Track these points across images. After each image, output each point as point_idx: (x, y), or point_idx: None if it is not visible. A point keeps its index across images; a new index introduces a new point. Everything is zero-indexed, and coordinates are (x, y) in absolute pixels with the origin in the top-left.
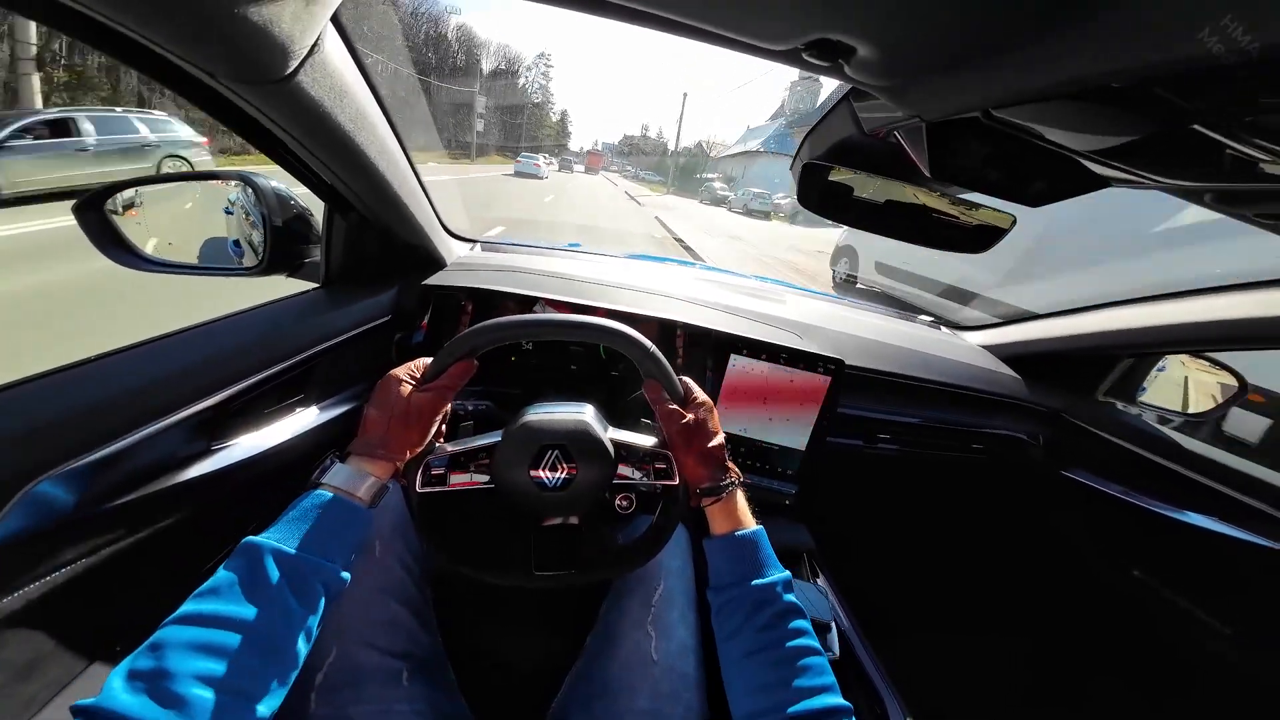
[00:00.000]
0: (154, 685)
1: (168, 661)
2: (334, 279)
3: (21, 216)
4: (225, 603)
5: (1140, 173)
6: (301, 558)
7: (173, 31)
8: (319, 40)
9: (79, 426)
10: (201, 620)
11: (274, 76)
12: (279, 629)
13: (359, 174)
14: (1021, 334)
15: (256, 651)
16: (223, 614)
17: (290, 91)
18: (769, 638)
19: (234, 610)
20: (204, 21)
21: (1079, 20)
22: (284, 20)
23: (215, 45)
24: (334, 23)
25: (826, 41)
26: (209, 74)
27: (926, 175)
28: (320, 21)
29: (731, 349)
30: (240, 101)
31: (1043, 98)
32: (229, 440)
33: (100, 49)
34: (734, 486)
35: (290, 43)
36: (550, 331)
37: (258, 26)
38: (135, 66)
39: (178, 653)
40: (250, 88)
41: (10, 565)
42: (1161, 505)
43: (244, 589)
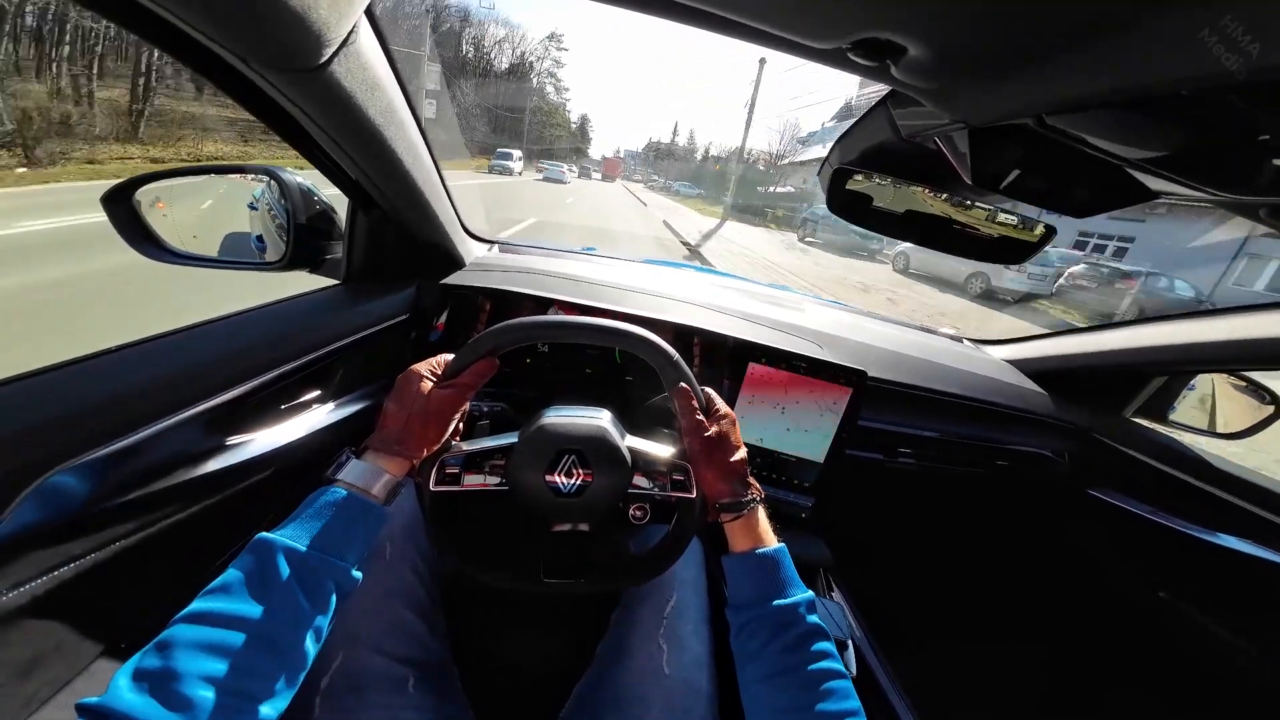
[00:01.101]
0: (160, 685)
1: (174, 661)
2: (354, 276)
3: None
4: (235, 601)
5: (1195, 185)
6: (313, 555)
7: (207, 12)
8: (354, 30)
9: (95, 419)
10: (210, 619)
11: (307, 65)
12: (288, 629)
13: (385, 169)
14: (1047, 349)
15: (264, 652)
16: (231, 613)
17: (322, 81)
18: (792, 660)
19: (243, 609)
20: (242, 5)
21: (1151, 23)
22: (321, 6)
23: (250, 29)
24: (368, 15)
25: (875, 41)
26: (241, 59)
27: (967, 182)
28: (356, 10)
29: (750, 357)
30: (271, 90)
31: (1104, 104)
32: (246, 435)
33: (132, 29)
34: (755, 504)
35: (325, 30)
36: (575, 334)
37: (294, 11)
38: (167, 50)
39: (185, 652)
40: (282, 75)
41: (20, 558)
42: (1192, 526)
43: (254, 587)
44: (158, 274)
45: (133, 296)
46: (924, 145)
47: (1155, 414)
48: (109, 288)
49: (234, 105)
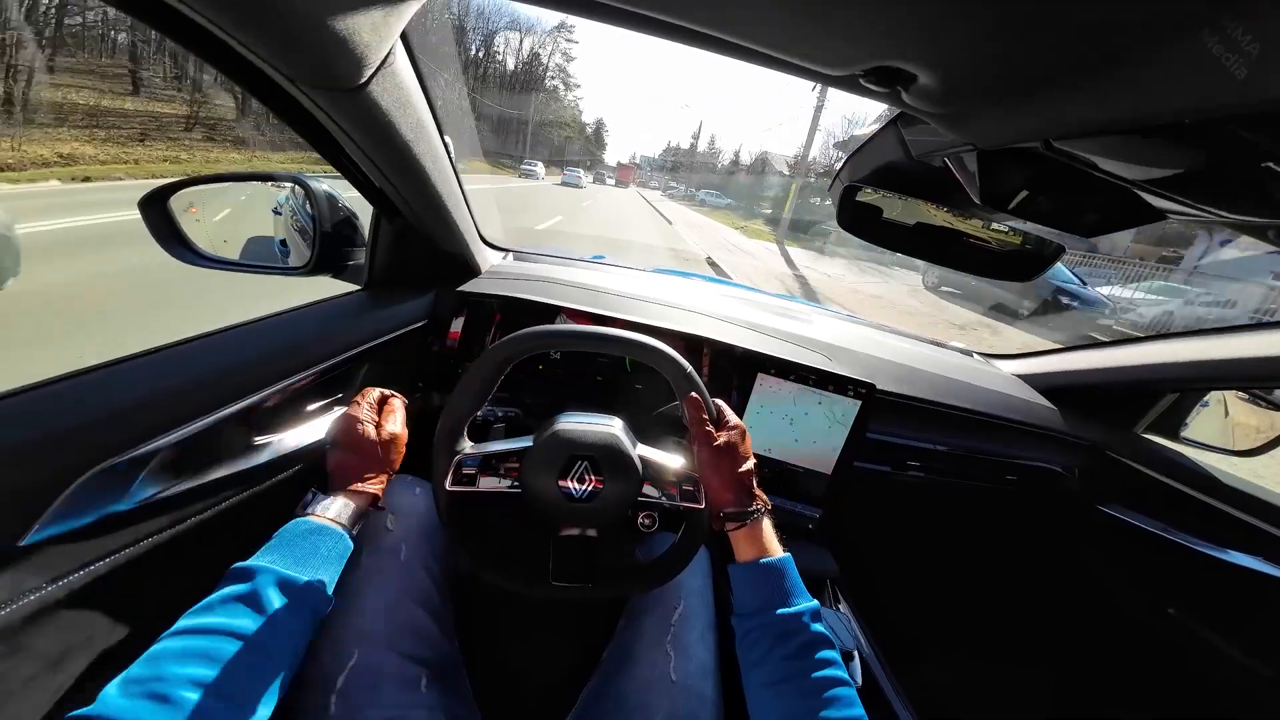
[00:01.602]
0: (148, 690)
1: (162, 668)
2: (376, 282)
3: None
4: (218, 615)
5: (1202, 206)
6: (290, 576)
7: (266, 38)
8: (391, 53)
9: (129, 420)
10: (196, 631)
11: (349, 84)
12: (269, 639)
13: (412, 182)
14: (1057, 364)
15: (248, 659)
16: (216, 625)
17: (361, 100)
18: (796, 667)
19: (226, 622)
20: (294, 29)
21: (1156, 55)
22: (364, 30)
23: (301, 52)
24: (402, 36)
25: (886, 69)
26: (289, 79)
27: (975, 202)
28: (394, 33)
29: (759, 368)
30: (311, 106)
31: (1110, 131)
32: (272, 435)
33: (190, 49)
34: (761, 514)
35: (367, 53)
36: (591, 344)
37: (341, 36)
38: (220, 68)
39: (172, 661)
40: (325, 94)
41: (61, 553)
42: (1203, 543)
43: (237, 603)
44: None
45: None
46: (933, 164)
47: (1167, 430)
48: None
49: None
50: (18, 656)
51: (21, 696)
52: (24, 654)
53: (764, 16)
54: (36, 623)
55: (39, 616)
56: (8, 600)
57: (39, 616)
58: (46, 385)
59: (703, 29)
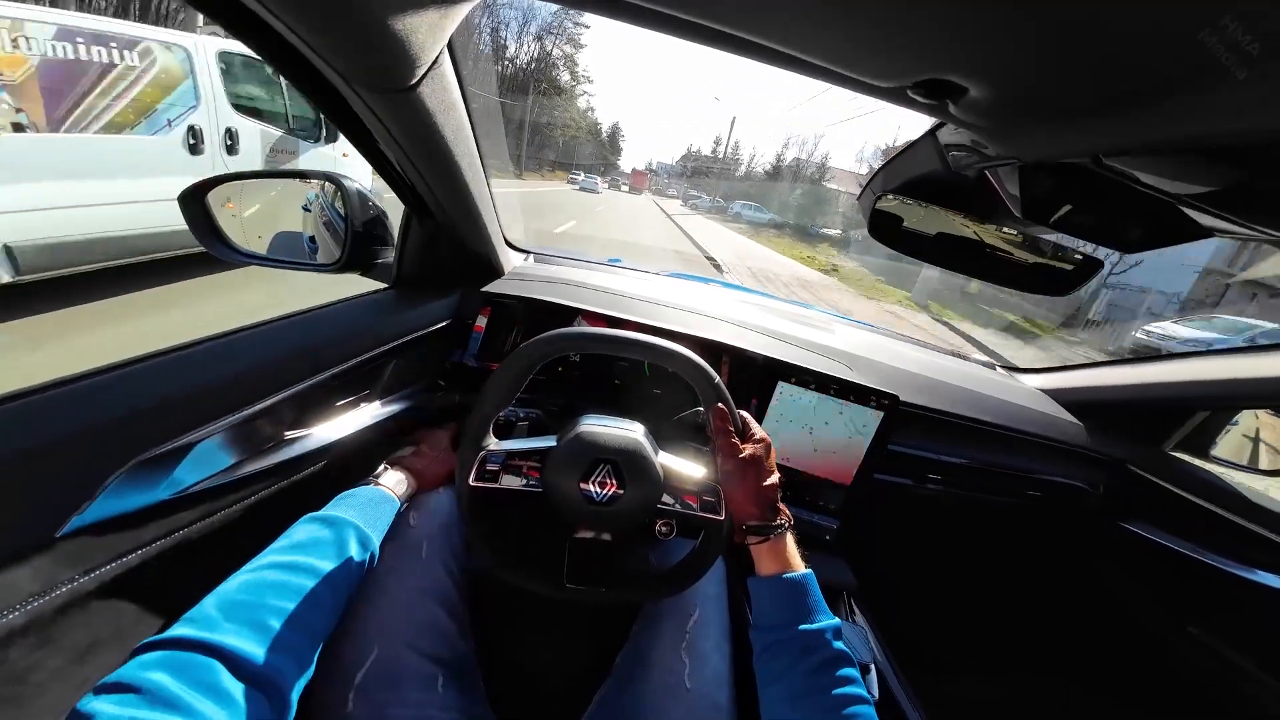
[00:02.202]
0: (251, 617)
1: (263, 598)
2: (403, 281)
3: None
4: (309, 554)
5: (1251, 224)
6: (365, 532)
7: (328, 37)
8: (439, 55)
9: (167, 414)
10: (290, 567)
11: (401, 86)
12: (343, 583)
13: (448, 184)
14: (1083, 380)
15: (326, 600)
16: (307, 565)
17: (411, 101)
18: (815, 683)
19: (315, 563)
20: (356, 29)
21: (1214, 80)
22: (420, 32)
23: (359, 53)
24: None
25: (937, 81)
26: (344, 79)
27: (1015, 215)
28: (446, 35)
29: (780, 376)
30: (360, 106)
31: (1164, 150)
32: (304, 430)
33: (249, 44)
34: (784, 529)
35: (420, 54)
36: (619, 348)
37: (399, 37)
38: (275, 65)
39: (270, 592)
40: (377, 95)
41: (97, 544)
42: (1229, 562)
43: (325, 545)
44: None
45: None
46: (970, 176)
47: (1196, 449)
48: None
49: None
50: (48, 648)
51: (49, 688)
52: (53, 646)
53: (819, 28)
54: (67, 614)
55: (70, 608)
56: (41, 591)
57: (70, 608)
58: (88, 377)
59: (753, 38)
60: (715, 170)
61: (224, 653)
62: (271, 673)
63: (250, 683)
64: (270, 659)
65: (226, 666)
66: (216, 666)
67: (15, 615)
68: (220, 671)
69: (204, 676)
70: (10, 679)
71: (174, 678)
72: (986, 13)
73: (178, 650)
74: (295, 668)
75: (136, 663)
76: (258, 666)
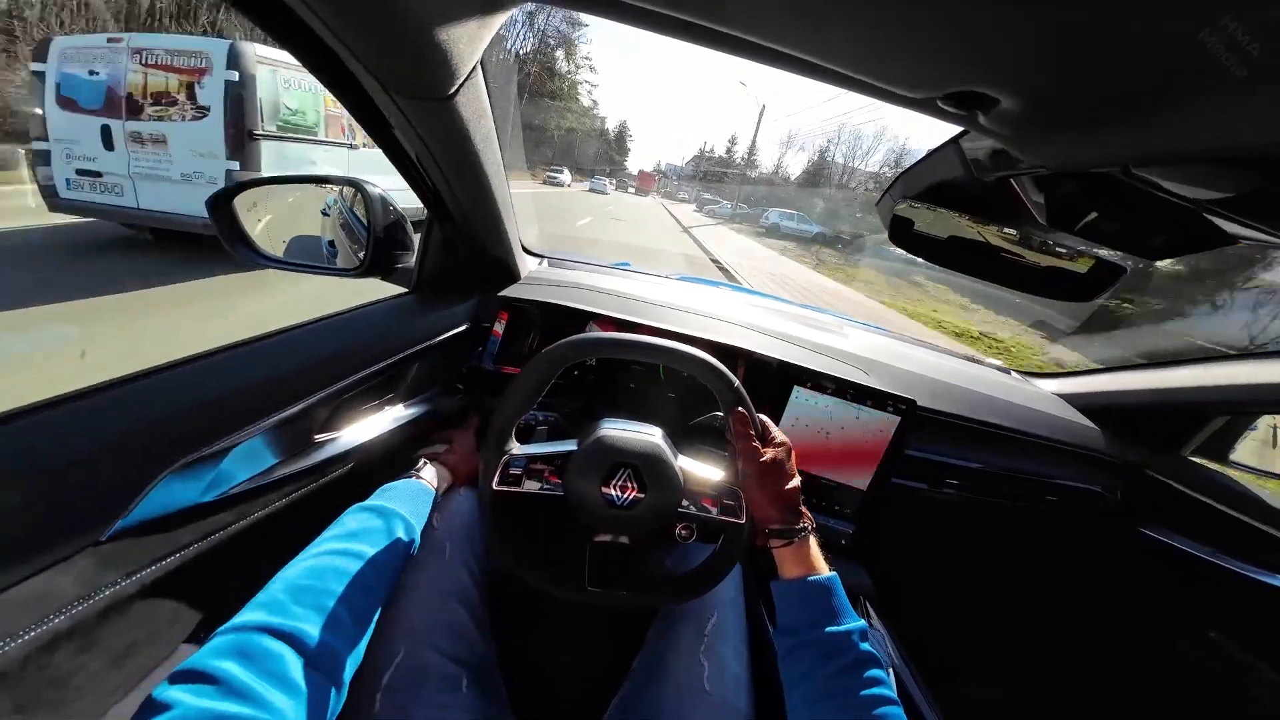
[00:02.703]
0: (316, 601)
1: (327, 583)
2: (423, 285)
3: None
4: (365, 543)
5: (1275, 231)
6: (411, 523)
7: (372, 47)
8: (475, 64)
9: (206, 417)
10: (349, 554)
11: (440, 95)
12: (391, 572)
13: (474, 191)
14: (1099, 384)
15: (377, 588)
16: (364, 553)
17: (448, 110)
18: (841, 684)
19: (370, 551)
20: (398, 38)
21: (1251, 86)
22: (460, 42)
23: (401, 61)
24: None
25: (968, 93)
26: (383, 86)
27: (1039, 222)
28: (484, 45)
29: (795, 380)
30: (393, 112)
31: (1197, 159)
32: (332, 434)
33: (289, 48)
34: (807, 533)
35: (460, 64)
36: (641, 353)
37: (441, 47)
38: (313, 70)
39: (334, 578)
40: (414, 102)
41: (138, 547)
42: (1250, 567)
43: (379, 535)
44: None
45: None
46: (992, 183)
47: (1215, 454)
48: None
49: None
50: (89, 652)
51: (87, 690)
52: (95, 650)
53: (851, 40)
54: (108, 618)
55: (110, 611)
56: (86, 595)
57: (110, 611)
58: (125, 383)
59: (783, 48)
60: (733, 173)
61: (294, 638)
62: (336, 660)
63: (315, 668)
64: (334, 643)
65: (298, 653)
66: (286, 653)
67: (60, 620)
68: (289, 658)
69: (275, 665)
70: (52, 683)
71: (244, 667)
72: (1018, 26)
73: (251, 634)
74: (353, 656)
75: (210, 649)
76: (325, 653)
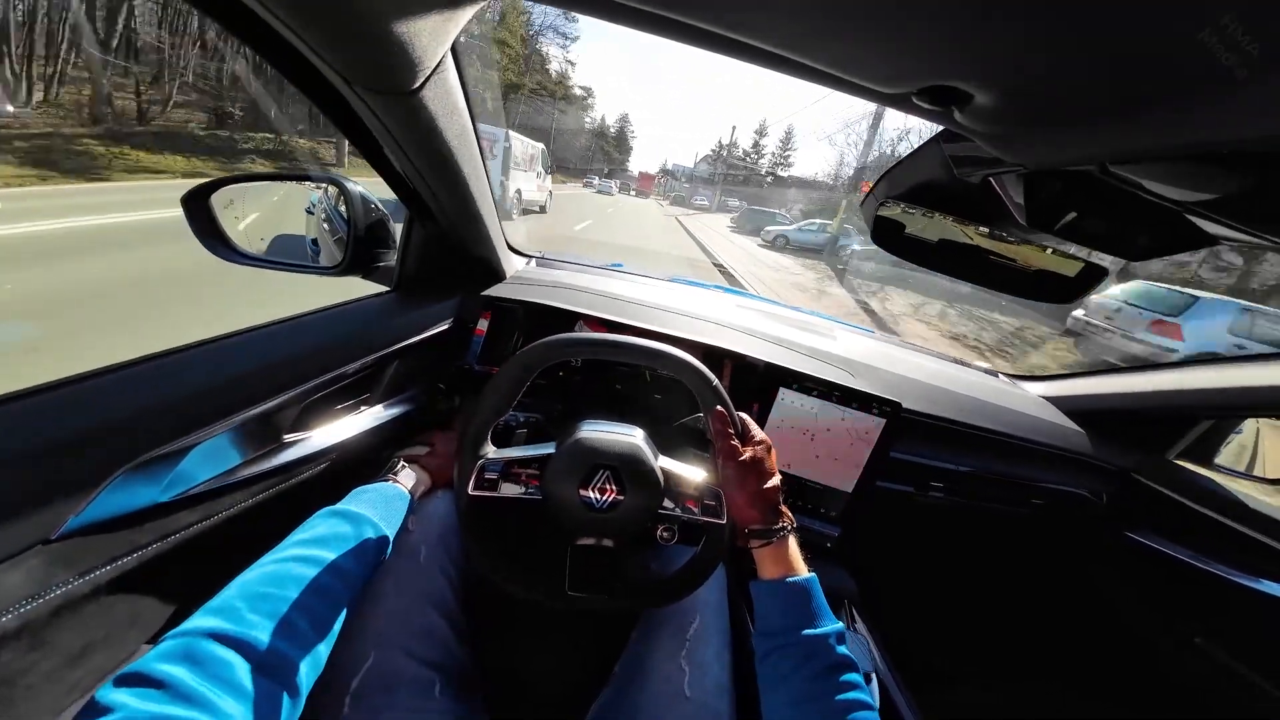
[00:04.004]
0: (274, 610)
1: (287, 591)
2: (404, 284)
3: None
4: (330, 550)
5: (1260, 233)
6: (382, 530)
7: (328, 38)
8: (444, 58)
9: (167, 415)
10: (312, 561)
11: (404, 89)
12: (358, 580)
13: (451, 188)
14: (1086, 387)
15: (342, 595)
16: (327, 560)
17: (414, 105)
18: (819, 688)
19: (335, 559)
20: (356, 30)
21: (1221, 85)
22: (423, 34)
23: (361, 54)
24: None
25: (942, 88)
26: (346, 81)
27: (1020, 223)
28: (450, 38)
29: (781, 382)
30: (362, 110)
31: (1173, 157)
32: (303, 433)
33: (250, 45)
34: (787, 532)
35: (424, 58)
36: (618, 353)
37: (401, 40)
38: (277, 66)
39: (294, 585)
40: (379, 97)
41: (93, 546)
42: (1235, 572)
43: (345, 541)
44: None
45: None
46: (974, 182)
47: (1200, 458)
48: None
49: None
50: (41, 651)
51: (41, 690)
52: (47, 648)
53: (823, 34)
54: (61, 617)
55: (63, 611)
56: (35, 594)
57: (63, 611)
58: (88, 378)
59: (755, 42)
60: (760, 173)
61: (245, 645)
62: (290, 668)
63: (269, 677)
64: (291, 654)
65: (248, 660)
66: (237, 660)
67: (7, 618)
68: (241, 666)
69: (224, 671)
70: (1, 682)
71: (192, 672)
72: (990, 18)
73: (199, 640)
74: (312, 665)
75: (157, 653)
76: (278, 661)
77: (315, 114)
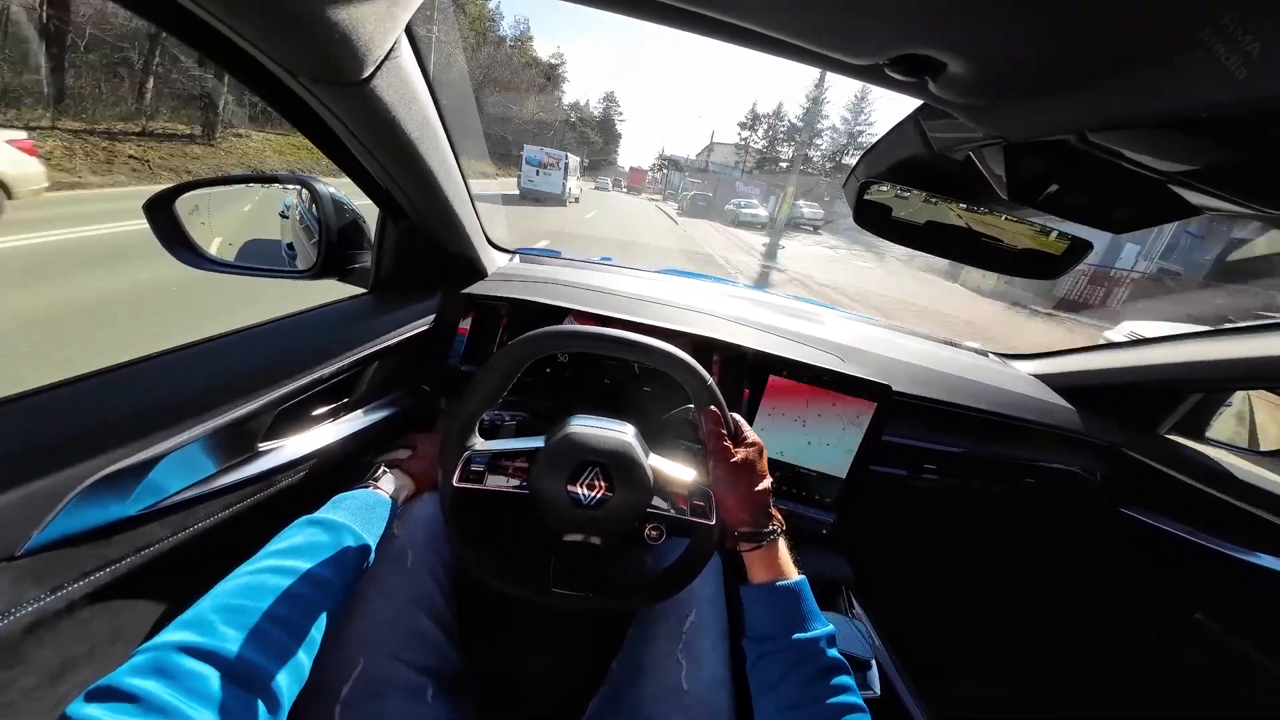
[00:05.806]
0: (248, 622)
1: (262, 603)
2: (382, 284)
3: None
4: (306, 560)
5: (1242, 201)
6: (363, 538)
7: (262, 28)
8: (395, 46)
9: (134, 425)
10: (288, 572)
11: (352, 79)
12: (338, 590)
13: (417, 182)
14: (1076, 364)
15: (321, 606)
16: (305, 570)
17: (365, 95)
18: (810, 693)
19: (313, 569)
20: (293, 18)
21: (1196, 49)
22: (367, 22)
23: (301, 43)
24: (407, 31)
25: (914, 57)
26: (289, 72)
27: (1001, 198)
28: (399, 26)
29: (770, 370)
30: (313, 102)
31: (1150, 124)
32: (278, 441)
33: (185, 40)
34: (776, 535)
35: (371, 45)
36: (608, 347)
37: (343, 27)
38: (216, 60)
39: (270, 597)
40: (327, 88)
41: (61, 562)
42: (1230, 546)
43: (323, 551)
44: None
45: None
46: (955, 158)
47: (1192, 431)
48: None
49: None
50: (18, 668)
51: (22, 708)
52: (24, 665)
53: (788, 4)
54: (36, 633)
55: (38, 627)
56: (7, 611)
57: (38, 627)
58: (48, 390)
59: (720, 16)
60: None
61: (221, 659)
62: (269, 681)
63: (247, 690)
64: (268, 666)
65: (223, 673)
66: (210, 673)
67: None
68: (214, 678)
69: (197, 684)
70: None
71: (165, 685)
72: None
73: (171, 653)
74: (292, 676)
75: (129, 667)
76: (255, 674)
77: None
